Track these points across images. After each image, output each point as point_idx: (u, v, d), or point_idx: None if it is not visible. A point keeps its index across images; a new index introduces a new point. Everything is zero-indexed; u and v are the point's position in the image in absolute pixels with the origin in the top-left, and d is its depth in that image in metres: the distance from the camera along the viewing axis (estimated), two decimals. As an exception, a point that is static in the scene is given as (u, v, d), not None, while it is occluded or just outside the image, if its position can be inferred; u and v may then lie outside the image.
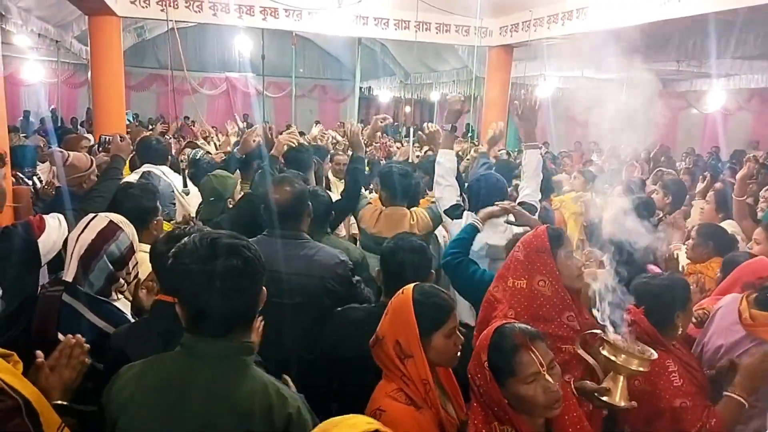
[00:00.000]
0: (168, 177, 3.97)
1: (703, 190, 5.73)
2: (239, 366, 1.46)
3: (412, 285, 1.90)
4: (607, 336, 1.87)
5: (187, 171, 4.26)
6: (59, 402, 1.63)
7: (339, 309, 2.39)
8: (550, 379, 1.59)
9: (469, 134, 10.46)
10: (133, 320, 2.16)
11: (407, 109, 17.39)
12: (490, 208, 2.96)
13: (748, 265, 2.74)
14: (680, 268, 3.57)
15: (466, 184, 3.71)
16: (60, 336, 1.95)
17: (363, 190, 4.01)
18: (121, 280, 2.22)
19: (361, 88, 17.25)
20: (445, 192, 3.36)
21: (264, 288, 1.52)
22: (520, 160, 7.43)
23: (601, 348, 1.87)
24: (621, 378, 1.82)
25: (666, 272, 2.94)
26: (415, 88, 16.53)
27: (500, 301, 2.12)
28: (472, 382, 1.68)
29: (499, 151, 6.36)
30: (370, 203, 3.70)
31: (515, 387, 1.59)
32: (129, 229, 2.25)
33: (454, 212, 3.28)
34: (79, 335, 1.74)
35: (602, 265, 2.26)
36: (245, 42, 13.87)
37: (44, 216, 2.46)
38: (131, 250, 2.23)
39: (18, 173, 4.31)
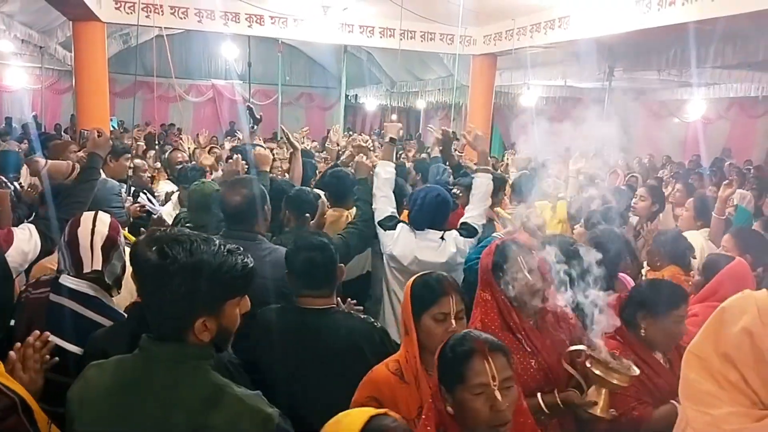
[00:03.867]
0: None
1: (674, 197, 5.83)
2: (194, 371, 1.40)
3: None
4: (592, 352, 1.92)
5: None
6: None
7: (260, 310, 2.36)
8: (499, 396, 1.46)
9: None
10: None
11: (393, 117, 17.46)
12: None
13: (730, 269, 2.77)
14: (641, 275, 3.60)
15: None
16: (51, 337, 1.95)
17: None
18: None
19: (347, 96, 17.28)
20: (380, 203, 3.35)
21: (215, 287, 1.40)
22: (501, 167, 7.42)
23: (587, 362, 1.92)
24: (604, 391, 1.90)
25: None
26: (401, 96, 16.62)
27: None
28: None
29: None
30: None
31: (461, 395, 1.49)
32: None
33: (387, 223, 3.28)
34: (40, 333, 1.77)
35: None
36: (232, 49, 13.87)
37: (13, 228, 2.44)
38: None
39: (3, 178, 4.32)
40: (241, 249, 1.47)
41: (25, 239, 2.39)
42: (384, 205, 3.34)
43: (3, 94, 14.67)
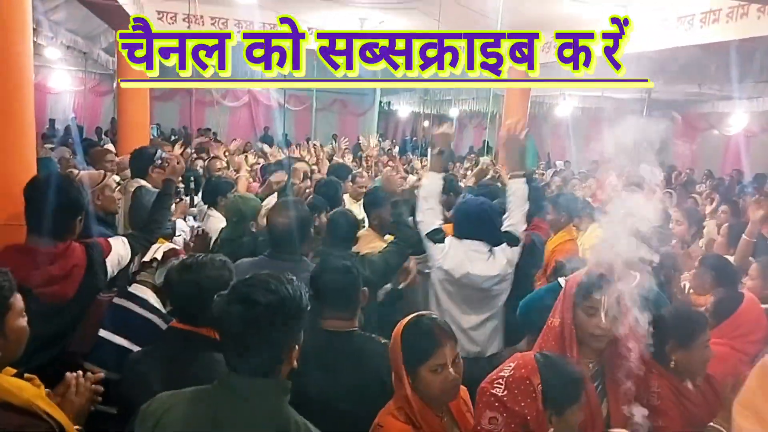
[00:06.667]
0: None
1: (711, 212, 5.65)
2: (274, 405, 1.48)
3: (412, 315, 1.91)
4: None
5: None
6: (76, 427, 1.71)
7: None
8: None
9: (486, 153, 10.43)
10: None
11: (425, 123, 17.45)
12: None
13: (748, 307, 2.74)
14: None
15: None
16: (102, 332, 2.32)
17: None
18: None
19: (380, 102, 17.33)
20: (426, 215, 3.25)
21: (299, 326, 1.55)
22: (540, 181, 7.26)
23: None
24: None
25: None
26: (435, 103, 16.59)
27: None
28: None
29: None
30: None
31: (568, 415, 1.73)
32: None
33: (435, 236, 3.20)
34: (89, 374, 1.87)
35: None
36: (268, 56, 14.04)
37: (108, 239, 2.74)
38: None
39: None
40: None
41: (120, 246, 2.72)
42: (431, 217, 3.24)
43: (47, 96, 15.11)
